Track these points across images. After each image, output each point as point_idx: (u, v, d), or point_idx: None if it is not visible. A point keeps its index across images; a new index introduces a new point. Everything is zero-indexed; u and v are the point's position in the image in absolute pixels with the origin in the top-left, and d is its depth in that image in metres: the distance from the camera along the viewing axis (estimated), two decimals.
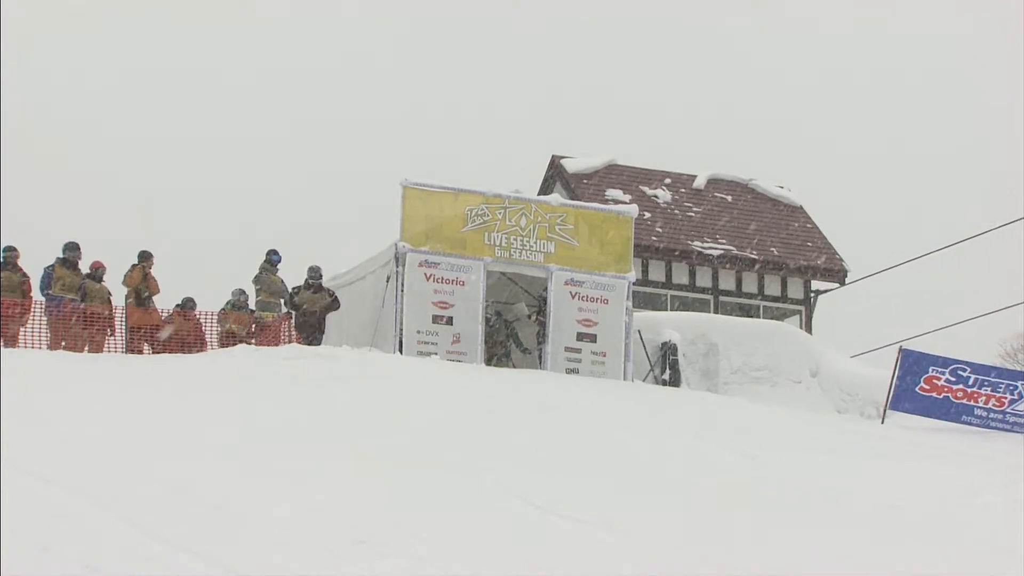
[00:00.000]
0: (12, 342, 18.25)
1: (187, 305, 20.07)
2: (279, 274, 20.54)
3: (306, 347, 18.32)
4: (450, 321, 19.69)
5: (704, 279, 28.67)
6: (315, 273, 20.51)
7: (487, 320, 20.92)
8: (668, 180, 30.34)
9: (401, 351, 19.11)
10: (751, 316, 27.54)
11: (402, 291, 19.55)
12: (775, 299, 29.00)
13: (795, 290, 29.24)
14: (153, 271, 19.82)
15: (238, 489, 9.02)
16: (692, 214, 29.51)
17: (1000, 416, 19.94)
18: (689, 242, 28.61)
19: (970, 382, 20.04)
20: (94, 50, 54.56)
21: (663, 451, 12.54)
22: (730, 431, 14.55)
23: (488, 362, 20.84)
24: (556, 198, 22.08)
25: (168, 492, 8.77)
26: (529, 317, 21.95)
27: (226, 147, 53.66)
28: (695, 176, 30.61)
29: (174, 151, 52.63)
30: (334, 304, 20.44)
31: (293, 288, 20.38)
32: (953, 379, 20.02)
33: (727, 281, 28.80)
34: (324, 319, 20.42)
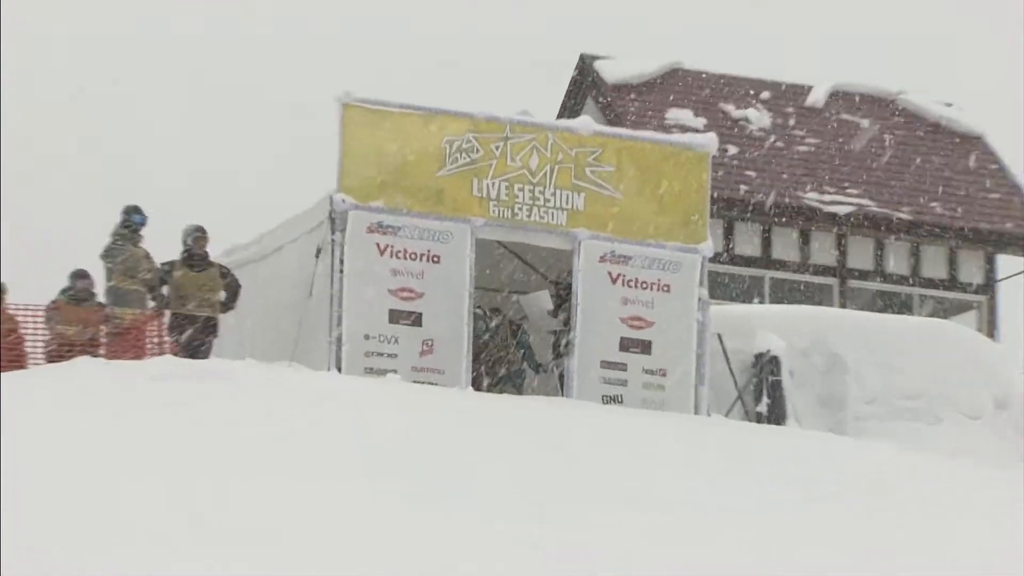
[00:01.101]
0: None
1: None
2: (144, 244, 20.88)
3: (187, 361, 18.54)
4: (418, 320, 20.03)
5: (824, 254, 28.90)
6: (197, 233, 20.67)
7: (485, 321, 21.49)
8: (766, 94, 30.44)
9: (340, 368, 19.47)
10: (900, 312, 27.66)
11: (341, 272, 19.76)
12: (939, 284, 29.09)
13: (970, 270, 29.47)
14: None
15: None
16: (805, 147, 29.60)
17: None
18: (800, 194, 28.69)
19: None
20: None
21: (752, 526, 12.72)
22: (864, 494, 14.71)
23: (492, 387, 21.35)
24: (587, 123, 22.16)
25: None
26: (554, 314, 21.94)
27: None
28: (810, 88, 30.67)
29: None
30: (233, 298, 20.59)
31: (163, 264, 20.63)
32: None
33: (860, 256, 29.02)
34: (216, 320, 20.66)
